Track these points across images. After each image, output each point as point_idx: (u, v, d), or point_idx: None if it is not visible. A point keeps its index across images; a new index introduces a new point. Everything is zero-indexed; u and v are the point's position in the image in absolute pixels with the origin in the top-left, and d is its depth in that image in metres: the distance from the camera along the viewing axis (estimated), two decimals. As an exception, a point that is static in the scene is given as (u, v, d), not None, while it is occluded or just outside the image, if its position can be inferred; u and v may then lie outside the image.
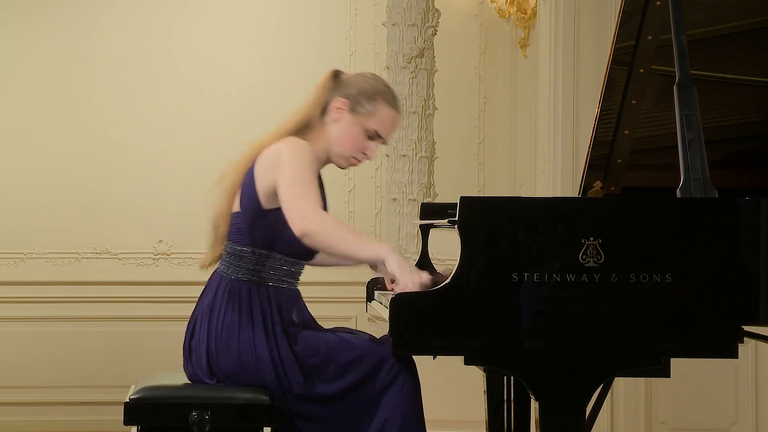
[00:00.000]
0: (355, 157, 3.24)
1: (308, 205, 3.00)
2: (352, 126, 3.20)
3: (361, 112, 3.19)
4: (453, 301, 2.75)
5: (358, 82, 3.23)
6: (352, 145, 3.21)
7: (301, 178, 3.03)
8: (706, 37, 3.45)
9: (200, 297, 3.18)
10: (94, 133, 6.24)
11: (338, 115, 3.19)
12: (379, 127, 3.21)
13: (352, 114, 3.20)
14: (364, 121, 3.20)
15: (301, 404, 3.02)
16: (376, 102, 3.20)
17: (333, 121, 3.20)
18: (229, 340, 3.06)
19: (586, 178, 3.55)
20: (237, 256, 3.13)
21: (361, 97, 3.19)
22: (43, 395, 6.11)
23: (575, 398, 2.78)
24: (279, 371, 3.02)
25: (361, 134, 3.20)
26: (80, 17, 6.28)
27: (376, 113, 3.20)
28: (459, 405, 4.95)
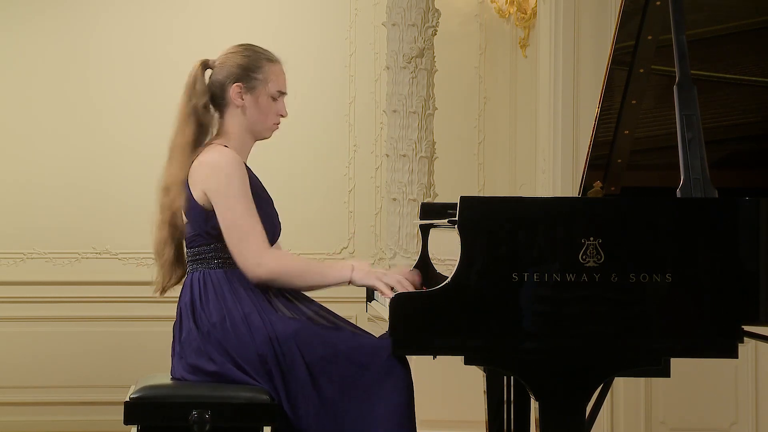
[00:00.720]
0: (275, 123, 3.31)
1: (257, 250, 3.08)
2: (257, 101, 3.26)
3: (257, 85, 3.26)
4: (453, 301, 2.75)
5: (233, 61, 3.28)
6: (267, 116, 3.27)
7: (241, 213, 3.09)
8: (706, 37, 3.45)
9: (178, 301, 3.21)
10: (95, 133, 6.24)
11: (240, 101, 3.24)
12: (278, 86, 3.29)
13: (251, 92, 3.25)
14: (263, 90, 3.26)
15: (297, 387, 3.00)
16: (262, 67, 3.28)
17: (237, 107, 3.25)
18: (222, 321, 3.07)
19: (586, 178, 3.55)
20: (202, 254, 3.17)
21: (249, 72, 3.26)
22: (43, 395, 6.11)
23: (575, 398, 2.78)
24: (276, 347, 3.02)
25: (269, 102, 3.27)
26: (80, 17, 6.28)
27: (269, 76, 3.28)
28: (459, 405, 4.95)
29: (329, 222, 6.28)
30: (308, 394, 3.01)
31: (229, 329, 3.06)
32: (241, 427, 3.00)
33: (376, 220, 6.28)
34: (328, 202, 6.29)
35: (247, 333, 3.05)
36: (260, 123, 3.27)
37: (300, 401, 3.01)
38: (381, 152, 6.09)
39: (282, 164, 6.11)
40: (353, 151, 6.28)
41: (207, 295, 3.12)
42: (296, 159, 6.25)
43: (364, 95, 6.31)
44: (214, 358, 3.07)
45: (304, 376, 3.01)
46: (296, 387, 3.02)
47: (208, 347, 3.08)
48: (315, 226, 6.20)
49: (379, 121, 6.21)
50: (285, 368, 3.02)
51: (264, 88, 3.26)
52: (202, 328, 3.09)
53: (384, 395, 2.99)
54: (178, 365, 3.14)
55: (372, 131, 6.28)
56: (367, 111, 6.30)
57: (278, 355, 3.03)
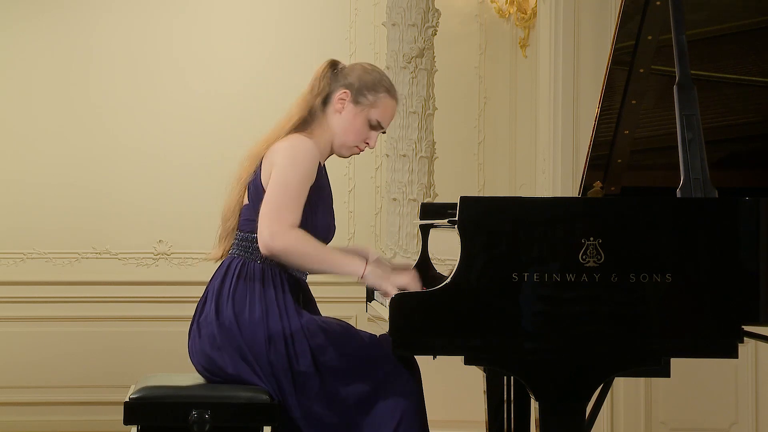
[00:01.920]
0: (358, 147, 3.30)
1: (279, 225, 3.06)
2: (355, 117, 3.25)
3: (363, 103, 3.24)
4: (453, 301, 2.75)
5: (358, 73, 3.27)
6: (355, 135, 3.26)
7: (285, 190, 3.09)
8: (706, 37, 3.45)
9: (210, 280, 3.21)
10: (95, 133, 6.24)
11: (341, 106, 3.25)
12: (380, 117, 3.27)
13: (354, 104, 3.25)
14: (366, 112, 3.25)
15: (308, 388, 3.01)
16: (378, 92, 3.26)
17: (336, 111, 3.25)
18: (241, 312, 3.09)
19: (586, 178, 3.55)
20: (249, 242, 3.18)
21: (363, 88, 3.25)
22: (43, 395, 6.11)
23: (575, 398, 2.78)
24: (289, 346, 3.03)
25: (364, 124, 3.26)
26: (81, 17, 6.28)
27: (378, 103, 3.26)
28: (459, 405, 4.95)
29: (329, 222, 6.27)
30: (318, 394, 3.01)
31: (246, 321, 3.07)
32: (241, 427, 3.01)
33: (376, 220, 6.28)
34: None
35: (262, 332, 3.05)
36: (344, 136, 3.26)
37: (309, 401, 3.02)
38: (381, 152, 6.08)
39: (282, 164, 6.10)
40: (353, 151, 6.28)
41: (237, 284, 3.13)
42: (296, 159, 6.25)
43: (364, 95, 6.30)
44: (226, 351, 3.08)
45: (315, 377, 3.02)
46: (306, 387, 3.02)
47: (222, 339, 3.08)
48: (315, 226, 6.19)
49: (379, 121, 6.20)
50: (295, 368, 3.03)
51: (368, 110, 3.25)
52: (221, 314, 3.10)
53: (394, 396, 3.00)
54: (193, 344, 3.15)
55: (372, 131, 6.27)
56: (367, 111, 6.29)
57: (290, 355, 3.03)
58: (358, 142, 3.28)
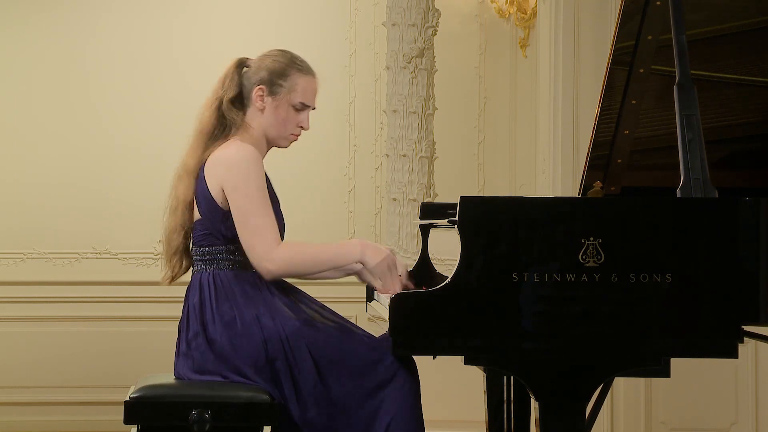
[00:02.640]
0: (293, 134, 3.29)
1: (267, 244, 3.06)
2: (277, 108, 3.24)
3: (280, 93, 3.24)
4: (453, 301, 2.75)
5: (265, 64, 3.27)
6: (286, 124, 3.26)
7: (254, 208, 3.07)
8: (706, 37, 3.45)
9: (185, 301, 3.20)
10: (95, 133, 6.24)
11: (261, 103, 3.23)
12: (302, 98, 3.26)
13: (272, 97, 3.24)
14: (287, 99, 3.24)
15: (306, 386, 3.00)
16: (290, 76, 3.25)
17: (258, 110, 3.24)
18: (230, 326, 3.07)
19: (586, 178, 3.55)
20: (211, 255, 3.16)
21: (274, 78, 3.24)
22: (43, 395, 6.11)
23: (575, 398, 2.78)
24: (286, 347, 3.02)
25: (289, 111, 3.26)
26: (81, 17, 6.28)
27: (295, 86, 3.25)
28: (459, 405, 4.95)
29: (329, 222, 6.28)
30: (317, 394, 3.01)
31: (239, 330, 3.06)
32: (241, 427, 3.00)
33: (376, 220, 6.28)
34: (328, 202, 6.29)
35: (258, 333, 3.05)
36: (276, 130, 3.26)
37: (308, 402, 3.01)
38: (381, 152, 6.08)
39: (282, 164, 6.07)
40: (353, 151, 6.28)
41: (218, 296, 3.11)
42: (296, 159, 6.24)
43: (364, 95, 6.31)
44: (221, 373, 3.07)
45: (313, 377, 3.01)
46: (305, 387, 3.02)
47: (212, 356, 3.07)
48: (315, 226, 6.19)
49: (379, 121, 6.20)
50: (294, 369, 3.03)
51: (286, 97, 3.25)
52: (210, 334, 3.08)
53: (391, 395, 2.99)
54: (183, 364, 3.13)
55: (372, 131, 6.28)
56: (367, 111, 6.30)
57: (288, 356, 3.03)
58: (292, 129, 3.27)
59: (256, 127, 3.25)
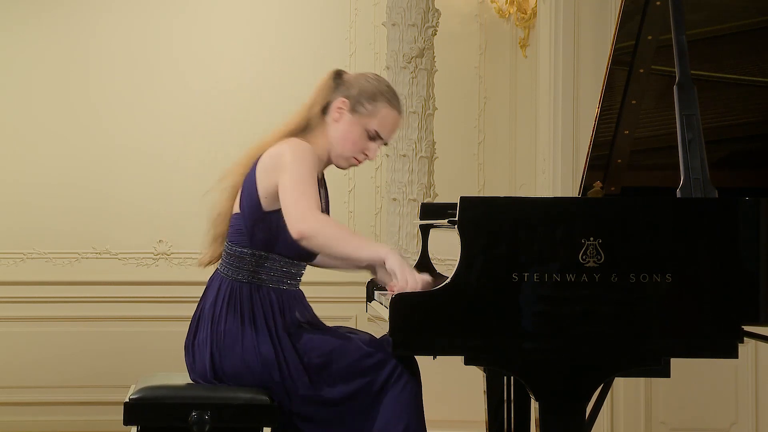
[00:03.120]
0: (356, 158, 3.22)
1: (306, 208, 2.99)
2: (352, 126, 3.18)
3: (361, 113, 3.18)
4: (453, 301, 2.75)
5: (359, 82, 3.21)
6: (353, 145, 3.19)
7: (301, 181, 3.02)
8: (706, 37, 3.45)
9: (202, 297, 3.18)
10: (95, 133, 6.24)
11: (339, 115, 3.18)
12: (379, 128, 3.19)
13: (352, 114, 3.18)
14: (364, 122, 3.18)
15: (304, 405, 3.02)
16: (377, 102, 3.18)
17: (333, 121, 3.19)
18: (233, 344, 3.06)
19: (586, 178, 3.55)
20: (236, 258, 3.13)
21: (362, 98, 3.18)
22: (43, 395, 6.11)
23: (575, 398, 2.78)
24: (284, 372, 3.02)
25: (362, 135, 3.19)
26: (81, 17, 6.28)
27: (377, 113, 3.18)
28: (459, 405, 4.95)
29: (329, 222, 6.27)
30: (317, 408, 3.01)
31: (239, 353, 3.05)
32: (241, 428, 3.00)
33: (376, 220, 6.28)
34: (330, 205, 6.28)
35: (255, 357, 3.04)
36: (341, 146, 3.19)
37: (309, 414, 3.01)
38: (381, 152, 6.08)
39: (282, 164, 6.10)
40: (353, 151, 6.27)
41: (228, 312, 3.09)
42: (296, 159, 6.25)
43: (365, 95, 6.30)
44: (220, 373, 3.08)
45: (313, 395, 3.01)
46: (305, 404, 3.01)
47: (216, 376, 3.08)
48: (315, 226, 6.19)
49: (379, 121, 6.20)
50: (291, 390, 3.02)
51: (366, 120, 3.18)
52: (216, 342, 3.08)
53: (393, 397, 2.99)
54: (193, 361, 3.14)
55: (372, 131, 6.27)
56: (367, 111, 6.29)
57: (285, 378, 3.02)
58: (356, 152, 3.20)
59: (322, 137, 3.19)
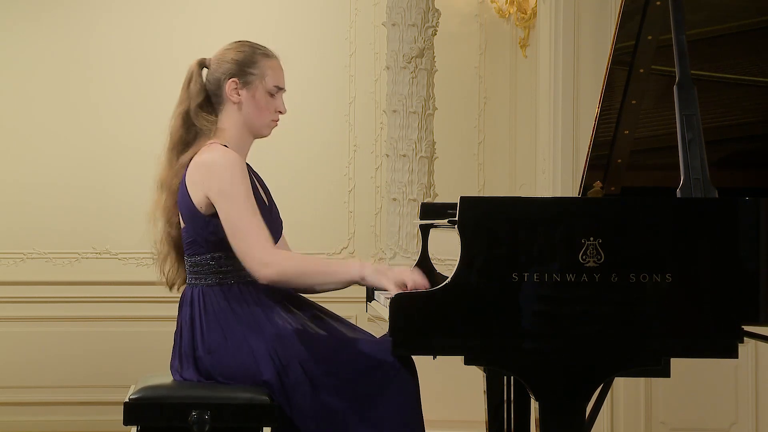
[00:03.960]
0: (273, 120, 3.25)
1: (259, 250, 3.01)
2: (254, 97, 3.20)
3: (253, 81, 3.20)
4: (453, 301, 2.75)
5: (228, 57, 3.23)
6: (265, 112, 3.22)
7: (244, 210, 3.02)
8: (706, 37, 3.45)
9: (178, 311, 3.19)
10: (95, 133, 6.24)
11: (237, 97, 3.19)
12: (275, 82, 3.24)
13: (246, 88, 3.20)
14: (261, 85, 3.21)
15: (300, 398, 3.00)
16: (258, 62, 3.23)
17: (233, 104, 3.20)
18: (219, 346, 3.06)
19: (586, 178, 3.55)
20: (198, 266, 3.13)
21: (244, 67, 3.21)
22: (43, 395, 6.11)
23: (575, 398, 2.78)
24: (277, 364, 3.01)
25: (265, 97, 3.22)
26: (81, 17, 6.28)
27: (266, 72, 3.22)
28: (459, 405, 4.95)
29: (329, 222, 6.28)
30: (312, 404, 3.00)
31: (230, 352, 3.05)
32: (241, 427, 3.00)
33: (376, 220, 6.28)
34: (328, 202, 6.29)
35: (249, 355, 3.04)
36: (257, 119, 3.21)
37: (304, 411, 3.00)
38: (381, 152, 6.08)
39: (282, 164, 6.11)
40: (353, 151, 6.28)
41: (207, 315, 3.09)
42: (296, 159, 6.26)
43: (364, 95, 6.31)
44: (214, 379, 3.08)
45: (307, 388, 3.00)
46: (299, 398, 3.00)
47: (212, 373, 3.08)
48: (315, 226, 6.20)
49: (379, 121, 6.21)
50: (285, 382, 3.01)
51: (260, 84, 3.20)
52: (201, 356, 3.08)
53: (390, 398, 2.99)
54: (177, 370, 3.14)
55: (372, 131, 6.28)
56: (367, 111, 6.30)
57: (281, 375, 3.01)
58: (271, 116, 3.23)
59: (233, 125, 3.19)
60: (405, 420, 2.99)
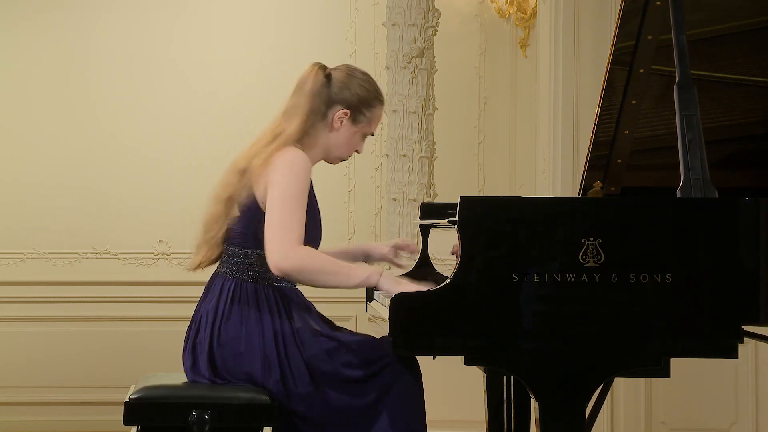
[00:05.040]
0: (348, 156, 3.30)
1: (287, 242, 3.01)
2: (353, 134, 3.24)
3: (362, 121, 3.24)
4: (453, 301, 2.75)
5: (353, 87, 3.21)
6: (349, 148, 3.26)
7: (290, 204, 3.03)
8: (706, 37, 3.45)
9: (202, 298, 3.18)
10: (94, 133, 6.24)
11: (339, 125, 3.21)
12: (373, 129, 3.29)
13: (352, 123, 3.23)
14: (364, 128, 3.25)
15: (303, 405, 3.01)
16: (374, 108, 3.25)
17: (333, 129, 3.22)
18: (235, 340, 3.06)
19: (586, 178, 3.55)
20: (240, 258, 3.13)
21: (362, 106, 3.22)
22: (43, 395, 6.11)
23: (575, 398, 2.78)
24: (285, 370, 3.02)
25: (360, 139, 3.26)
26: (80, 17, 6.28)
27: (374, 118, 3.26)
28: (459, 405, 4.95)
29: (329, 222, 6.19)
30: (319, 410, 3.00)
31: (241, 349, 3.06)
32: (241, 427, 3.00)
33: (376, 220, 6.28)
34: (328, 202, 6.28)
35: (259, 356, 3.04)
36: (340, 152, 3.24)
37: (307, 416, 3.01)
38: (381, 152, 6.08)
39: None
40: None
41: (232, 309, 3.09)
42: (296, 159, 6.25)
43: (365, 95, 6.30)
44: (222, 369, 3.08)
45: (314, 395, 3.00)
46: (306, 405, 3.01)
47: (218, 363, 3.08)
48: (315, 226, 6.20)
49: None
50: (292, 390, 3.01)
51: (364, 127, 3.25)
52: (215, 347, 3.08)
53: (393, 399, 2.99)
54: (188, 359, 3.13)
55: (372, 131, 6.28)
56: (367, 111, 6.29)
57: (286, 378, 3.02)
58: (350, 152, 3.28)
59: (319, 141, 3.21)
60: (407, 421, 2.99)
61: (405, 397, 3.00)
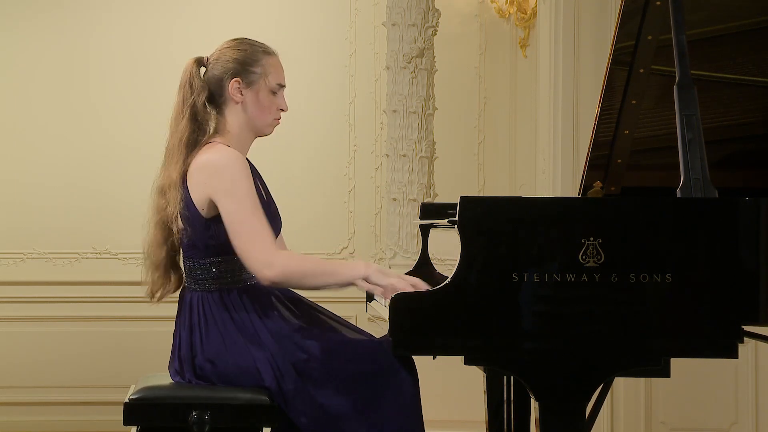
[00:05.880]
0: (276, 118, 3.22)
1: (263, 251, 2.97)
2: (257, 96, 3.17)
3: (256, 80, 3.16)
4: (453, 301, 2.75)
5: (229, 56, 3.18)
6: (268, 111, 3.18)
7: (247, 207, 2.99)
8: (706, 37, 3.45)
9: (177, 315, 3.17)
10: (95, 133, 6.24)
11: (240, 96, 3.15)
12: (277, 79, 3.20)
13: (249, 87, 3.16)
14: (264, 84, 3.17)
15: (300, 404, 3.01)
16: (260, 60, 3.18)
17: (236, 103, 3.16)
18: (219, 354, 3.05)
19: (586, 178, 3.55)
20: (197, 271, 3.11)
21: (246, 66, 3.16)
22: (43, 395, 6.11)
23: (575, 398, 2.78)
24: (276, 372, 3.01)
25: (269, 96, 3.18)
26: (81, 17, 6.28)
27: (267, 69, 3.18)
28: (459, 405, 4.95)
29: (329, 222, 6.28)
30: (311, 408, 2.99)
31: (230, 360, 3.04)
32: (241, 427, 3.00)
33: (376, 220, 6.28)
34: (328, 202, 6.29)
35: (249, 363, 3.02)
36: (261, 119, 3.17)
37: (303, 415, 3.00)
38: (381, 152, 6.08)
39: (282, 164, 6.11)
40: (353, 151, 6.28)
41: (207, 323, 3.08)
42: (296, 159, 6.26)
43: (364, 95, 6.31)
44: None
45: (308, 393, 2.99)
46: (300, 405, 3.00)
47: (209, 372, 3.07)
48: (315, 226, 6.20)
49: (379, 121, 6.21)
50: (284, 387, 3.00)
51: (263, 82, 3.17)
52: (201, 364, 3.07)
53: (391, 399, 2.98)
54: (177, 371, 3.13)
55: (372, 131, 6.28)
56: (367, 111, 6.30)
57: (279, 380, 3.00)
58: (274, 114, 3.19)
59: (236, 124, 3.16)
60: (405, 421, 2.98)
61: (402, 397, 2.99)
